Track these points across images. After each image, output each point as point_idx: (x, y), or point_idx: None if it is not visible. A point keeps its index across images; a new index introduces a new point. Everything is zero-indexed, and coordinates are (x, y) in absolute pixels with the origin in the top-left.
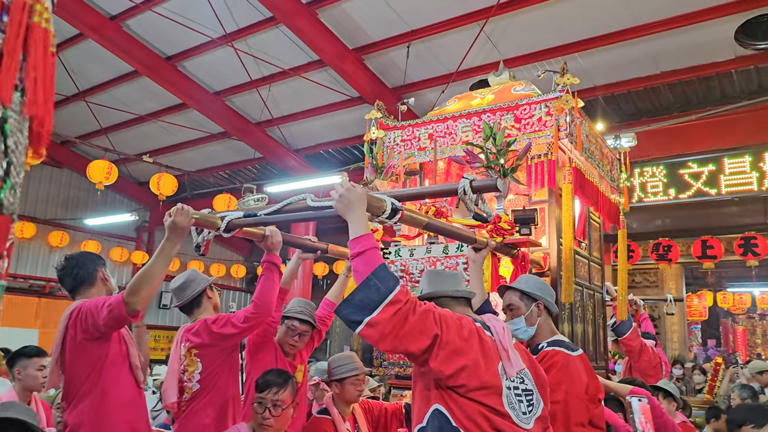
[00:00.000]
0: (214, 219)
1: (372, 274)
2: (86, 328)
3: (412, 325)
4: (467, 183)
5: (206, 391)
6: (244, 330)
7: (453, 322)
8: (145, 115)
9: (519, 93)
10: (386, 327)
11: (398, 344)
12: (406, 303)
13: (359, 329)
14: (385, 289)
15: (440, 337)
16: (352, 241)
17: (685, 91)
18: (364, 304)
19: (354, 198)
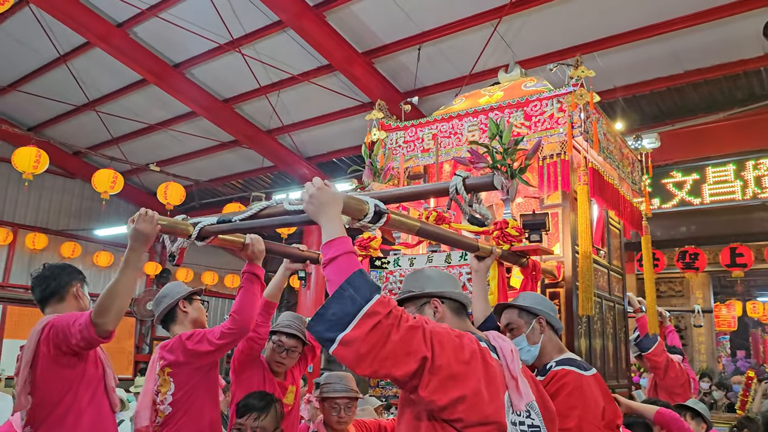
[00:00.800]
0: (184, 226)
1: (346, 282)
2: (59, 344)
3: (395, 344)
4: (459, 181)
5: (179, 414)
6: (220, 347)
7: (449, 341)
8: (155, 124)
9: (530, 89)
10: (362, 346)
11: (379, 367)
12: (387, 316)
13: (333, 348)
14: (360, 300)
15: (431, 361)
16: (325, 246)
17: (710, 91)
18: (336, 318)
19: (326, 198)
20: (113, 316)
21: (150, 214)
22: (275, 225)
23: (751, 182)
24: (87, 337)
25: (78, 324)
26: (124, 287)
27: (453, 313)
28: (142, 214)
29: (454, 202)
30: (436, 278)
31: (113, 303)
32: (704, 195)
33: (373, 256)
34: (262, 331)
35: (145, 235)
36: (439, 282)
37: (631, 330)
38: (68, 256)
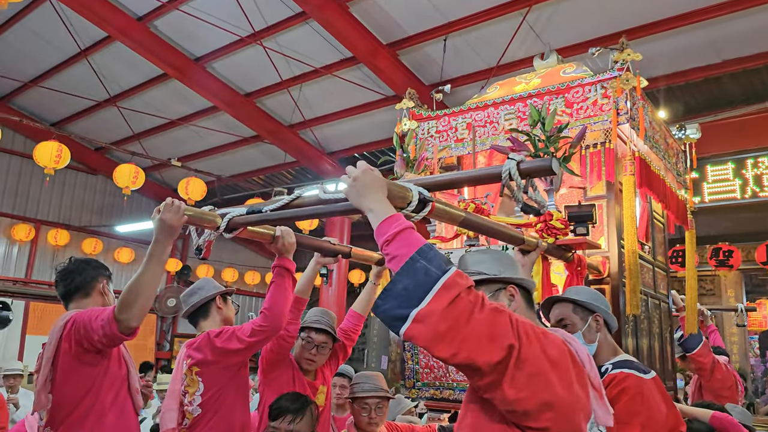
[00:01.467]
0: (211, 217)
1: (416, 253)
2: (80, 340)
3: (478, 324)
4: (513, 165)
5: (209, 416)
6: (251, 345)
7: (535, 334)
8: (177, 119)
9: (569, 75)
10: (441, 322)
11: (458, 350)
12: (468, 291)
13: (405, 328)
14: (435, 270)
15: (518, 351)
16: (381, 226)
17: (750, 81)
18: (408, 292)
19: (370, 180)
20: (137, 312)
21: (176, 204)
22: (308, 215)
23: None
24: (109, 333)
25: (100, 320)
26: (148, 281)
27: (526, 304)
28: (168, 204)
29: (506, 188)
30: (508, 262)
31: (137, 298)
32: (741, 190)
33: None
34: (292, 328)
35: (170, 227)
36: (512, 267)
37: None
38: (90, 252)
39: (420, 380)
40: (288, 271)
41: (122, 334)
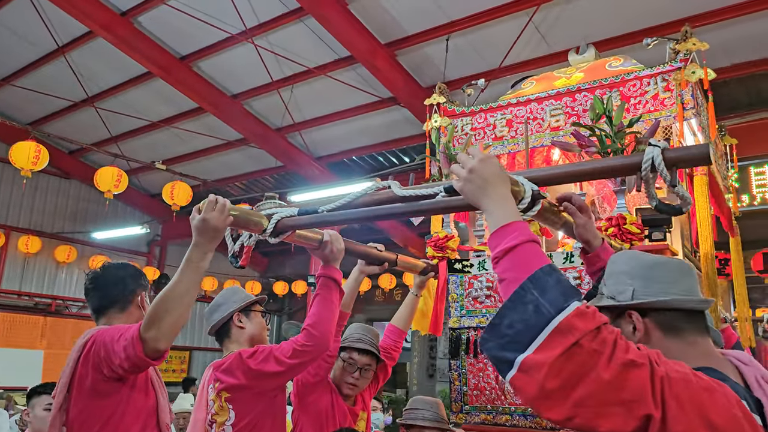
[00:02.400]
0: (258, 218)
1: (528, 281)
2: (99, 364)
3: (601, 384)
4: (657, 153)
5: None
6: (292, 367)
7: (691, 395)
8: (158, 121)
9: (617, 69)
10: (550, 377)
11: (573, 413)
12: (592, 337)
13: (510, 376)
14: (548, 308)
15: (660, 422)
16: (496, 234)
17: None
18: (514, 332)
19: (491, 173)
20: (167, 331)
21: (221, 202)
22: (378, 216)
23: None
24: (132, 355)
25: (123, 339)
26: (183, 293)
27: (669, 334)
28: (211, 201)
29: (644, 182)
30: (643, 271)
31: (167, 313)
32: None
33: (450, 258)
34: (333, 347)
35: (214, 228)
36: (647, 277)
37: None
38: (63, 261)
39: (468, 403)
40: (336, 283)
41: (147, 358)
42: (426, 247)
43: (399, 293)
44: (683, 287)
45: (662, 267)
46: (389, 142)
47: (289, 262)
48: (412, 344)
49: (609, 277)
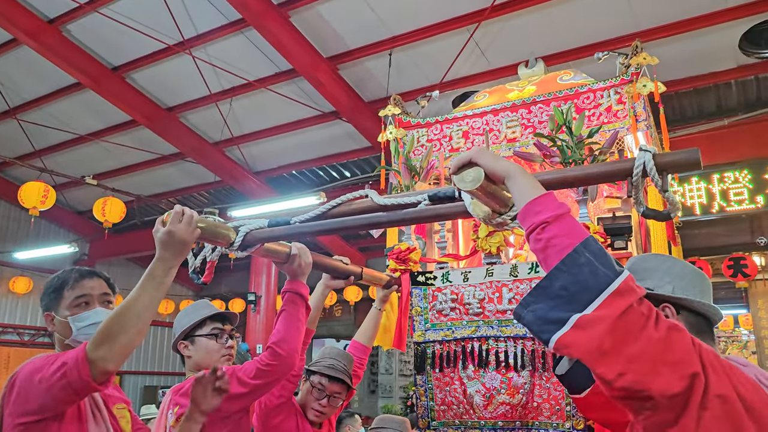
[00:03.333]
0: (226, 231)
1: (582, 245)
2: (24, 403)
3: (653, 342)
4: (648, 158)
5: None
6: (256, 388)
7: (722, 366)
8: (87, 134)
9: (568, 82)
10: (608, 334)
11: (626, 369)
12: (641, 302)
13: (559, 334)
14: (606, 271)
15: (705, 384)
16: (534, 204)
17: (681, 104)
18: (569, 293)
19: (499, 155)
20: (119, 350)
21: (188, 213)
22: (358, 226)
23: (717, 196)
24: (74, 380)
25: (62, 364)
26: (141, 310)
27: (695, 331)
28: (177, 213)
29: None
30: (690, 278)
31: (122, 331)
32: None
33: (413, 270)
34: (298, 366)
35: (180, 241)
36: (692, 286)
37: None
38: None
39: (435, 419)
40: (303, 298)
41: (93, 382)
42: (373, 258)
43: (339, 309)
44: (710, 298)
45: (698, 275)
46: (331, 157)
47: (226, 280)
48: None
49: (638, 273)
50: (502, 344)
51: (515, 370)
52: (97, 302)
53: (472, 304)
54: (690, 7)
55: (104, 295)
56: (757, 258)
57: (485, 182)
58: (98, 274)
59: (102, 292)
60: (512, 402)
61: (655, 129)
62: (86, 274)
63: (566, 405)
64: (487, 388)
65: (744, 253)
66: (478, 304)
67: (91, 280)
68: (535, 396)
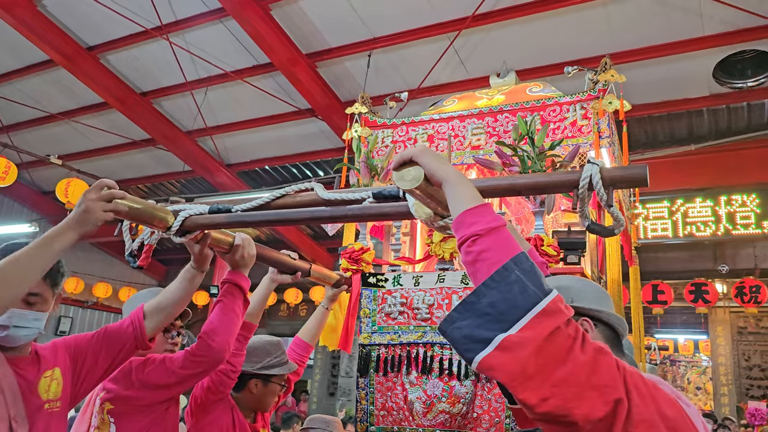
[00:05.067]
0: (163, 214)
1: (513, 261)
2: None
3: (579, 367)
4: (596, 171)
5: None
6: (183, 379)
7: (647, 388)
8: (57, 113)
9: (537, 94)
10: (534, 356)
11: (550, 394)
12: (568, 323)
13: (483, 355)
14: (535, 290)
15: (628, 409)
16: (468, 214)
17: (653, 128)
18: (496, 311)
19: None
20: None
21: (112, 188)
22: (298, 219)
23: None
24: None
25: None
26: (16, 269)
27: (610, 344)
28: (97, 186)
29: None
30: (590, 292)
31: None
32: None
33: (365, 271)
34: (236, 361)
35: (94, 217)
36: (594, 297)
37: None
38: None
39: (374, 424)
40: (241, 290)
41: None
42: (339, 259)
43: (305, 308)
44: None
45: (604, 292)
46: (304, 154)
47: None
48: (315, 361)
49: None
50: (447, 351)
51: (458, 379)
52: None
53: (421, 309)
54: (668, 32)
55: (30, 295)
56: (719, 285)
57: (424, 183)
58: None
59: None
60: (452, 411)
61: (619, 147)
62: None
63: (506, 417)
64: (429, 395)
65: (706, 280)
66: (426, 309)
67: None
68: (475, 407)
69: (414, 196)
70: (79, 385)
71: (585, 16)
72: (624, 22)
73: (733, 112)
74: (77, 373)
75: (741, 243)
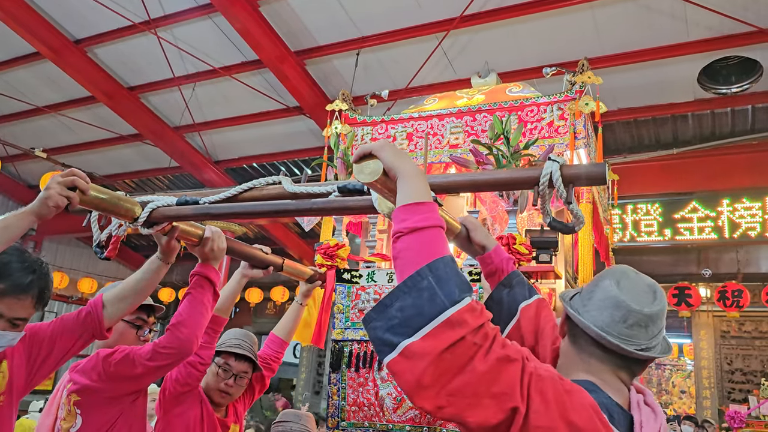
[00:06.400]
0: (129, 205)
1: (427, 267)
2: None
3: (476, 376)
4: (556, 168)
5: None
6: (150, 371)
7: (556, 392)
8: (44, 107)
9: (516, 95)
10: (430, 367)
11: (446, 404)
12: (475, 332)
13: (388, 359)
14: (443, 298)
15: (524, 417)
16: (407, 208)
17: (639, 132)
18: (403, 316)
19: (403, 153)
20: None
21: (77, 176)
22: (266, 212)
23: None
24: None
25: None
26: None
27: (576, 343)
28: (64, 173)
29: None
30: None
31: None
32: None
33: (339, 267)
34: (205, 354)
35: (45, 201)
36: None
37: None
38: None
39: (345, 419)
40: (211, 283)
41: None
42: (315, 254)
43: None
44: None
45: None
46: (292, 152)
47: (178, 268)
48: (300, 359)
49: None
50: None
51: None
52: (3, 322)
53: None
54: (654, 36)
55: (16, 319)
56: (703, 289)
57: (383, 177)
58: (31, 291)
59: (14, 317)
60: None
61: (594, 149)
62: (20, 289)
63: None
64: (399, 391)
65: (690, 284)
66: None
67: (18, 300)
68: None
69: (374, 190)
70: (34, 374)
71: (572, 19)
72: (610, 26)
73: (718, 118)
74: (32, 362)
75: (724, 248)
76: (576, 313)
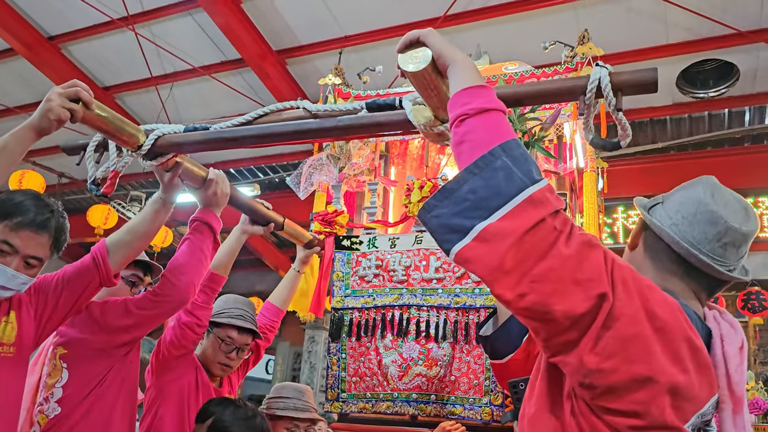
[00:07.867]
0: (134, 130)
1: (500, 147)
2: None
3: (561, 260)
4: (605, 74)
5: (73, 418)
6: (141, 321)
7: (637, 284)
8: (15, 107)
9: (513, 71)
10: (513, 249)
11: (529, 290)
12: (555, 215)
13: (460, 246)
14: (522, 177)
15: (611, 304)
16: (462, 93)
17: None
18: (477, 197)
19: (452, 44)
20: None
21: (74, 89)
22: (286, 134)
23: None
24: None
25: None
26: None
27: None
28: (66, 84)
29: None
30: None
31: None
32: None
33: (338, 234)
34: (202, 314)
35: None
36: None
37: None
38: None
39: (346, 391)
40: (211, 229)
41: None
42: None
43: None
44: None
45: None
46: (270, 157)
47: None
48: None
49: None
50: (425, 313)
51: (435, 341)
52: (18, 260)
53: (397, 271)
54: (635, 38)
55: (32, 258)
56: None
57: (430, 67)
58: (48, 229)
59: (29, 255)
60: (429, 374)
61: None
62: (36, 224)
63: (485, 379)
64: (404, 358)
65: None
66: (403, 271)
67: (35, 235)
68: (453, 369)
69: (418, 83)
70: (42, 327)
71: (555, 20)
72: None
73: (695, 122)
74: (39, 315)
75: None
76: (661, 225)
